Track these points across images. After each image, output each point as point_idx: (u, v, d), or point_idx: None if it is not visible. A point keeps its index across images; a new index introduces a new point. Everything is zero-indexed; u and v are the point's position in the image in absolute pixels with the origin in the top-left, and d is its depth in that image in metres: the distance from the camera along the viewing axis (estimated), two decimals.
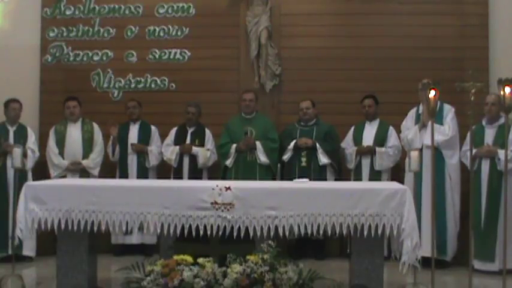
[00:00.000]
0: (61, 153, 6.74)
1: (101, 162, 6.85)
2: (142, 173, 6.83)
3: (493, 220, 5.89)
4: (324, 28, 7.26)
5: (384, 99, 6.79)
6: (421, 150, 6.01)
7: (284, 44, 7.23)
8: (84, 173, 6.71)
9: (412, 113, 6.45)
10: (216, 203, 4.53)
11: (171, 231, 4.56)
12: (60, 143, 6.77)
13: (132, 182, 5.96)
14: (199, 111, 6.93)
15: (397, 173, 6.59)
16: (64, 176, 6.64)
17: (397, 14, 7.21)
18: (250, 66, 7.20)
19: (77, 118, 6.84)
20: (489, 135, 6.09)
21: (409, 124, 6.41)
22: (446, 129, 6.19)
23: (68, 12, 7.43)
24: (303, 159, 6.57)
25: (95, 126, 6.90)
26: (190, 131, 6.91)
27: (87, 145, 6.81)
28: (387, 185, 5.03)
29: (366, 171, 6.59)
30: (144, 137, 6.95)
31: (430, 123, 5.08)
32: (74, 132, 6.81)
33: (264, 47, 7.10)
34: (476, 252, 5.85)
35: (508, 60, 6.86)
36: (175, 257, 4.42)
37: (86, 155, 6.78)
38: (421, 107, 6.26)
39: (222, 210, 4.52)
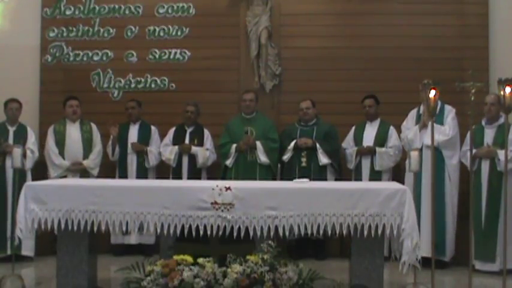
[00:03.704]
0: (61, 154, 6.72)
1: (100, 163, 6.84)
2: (142, 173, 6.83)
3: (493, 220, 5.89)
4: (324, 28, 7.27)
5: (384, 99, 6.78)
6: (421, 150, 6.03)
7: (284, 44, 7.24)
8: (84, 173, 6.70)
9: (412, 113, 6.45)
10: (216, 203, 4.53)
11: (171, 231, 4.56)
12: (60, 143, 6.75)
13: (132, 182, 5.96)
14: (198, 110, 6.93)
15: (398, 173, 6.59)
16: (64, 177, 6.62)
17: (397, 14, 7.21)
18: (250, 66, 7.20)
19: (78, 118, 6.84)
20: (488, 135, 6.08)
21: (409, 124, 6.40)
22: (447, 129, 6.19)
23: (68, 12, 7.43)
24: (303, 160, 6.57)
25: (93, 126, 6.89)
26: (189, 130, 6.91)
27: (87, 145, 6.80)
28: (387, 185, 5.03)
29: (366, 171, 6.58)
30: (144, 137, 6.95)
31: (430, 123, 5.08)
32: (74, 133, 6.80)
33: (264, 47, 7.10)
34: (476, 252, 5.85)
35: (508, 60, 6.86)
36: (175, 257, 4.42)
37: (86, 156, 6.77)
38: (421, 108, 6.25)
39: (222, 210, 4.52)
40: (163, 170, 6.90)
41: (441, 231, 6.05)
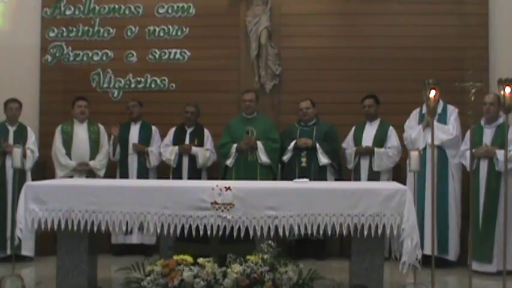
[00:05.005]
0: (68, 154, 6.70)
1: (106, 164, 6.83)
2: (143, 173, 6.82)
3: (491, 221, 5.86)
4: (324, 28, 7.27)
5: (384, 99, 6.77)
6: (424, 149, 6.03)
7: (284, 44, 7.24)
8: (90, 173, 6.70)
9: (415, 112, 6.45)
10: (216, 203, 4.53)
11: (171, 231, 4.56)
12: (67, 144, 6.74)
13: (132, 182, 5.97)
14: (198, 111, 6.93)
15: (398, 174, 6.59)
16: (71, 177, 6.60)
17: (397, 14, 7.21)
18: (250, 66, 7.20)
19: (86, 118, 6.83)
20: (487, 135, 6.06)
21: (412, 124, 6.41)
22: (451, 128, 6.20)
23: (68, 12, 7.43)
24: (303, 160, 6.56)
25: (101, 127, 6.89)
26: (189, 131, 6.91)
27: (94, 146, 6.80)
28: (387, 185, 5.03)
29: (364, 171, 6.57)
30: (145, 137, 6.95)
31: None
32: (81, 133, 6.79)
33: (264, 47, 7.10)
34: (474, 253, 5.83)
35: (508, 60, 6.86)
36: (175, 257, 4.42)
37: (92, 156, 6.76)
38: (424, 107, 6.24)
39: (222, 210, 4.52)
40: (164, 171, 6.89)
41: (445, 230, 6.05)
